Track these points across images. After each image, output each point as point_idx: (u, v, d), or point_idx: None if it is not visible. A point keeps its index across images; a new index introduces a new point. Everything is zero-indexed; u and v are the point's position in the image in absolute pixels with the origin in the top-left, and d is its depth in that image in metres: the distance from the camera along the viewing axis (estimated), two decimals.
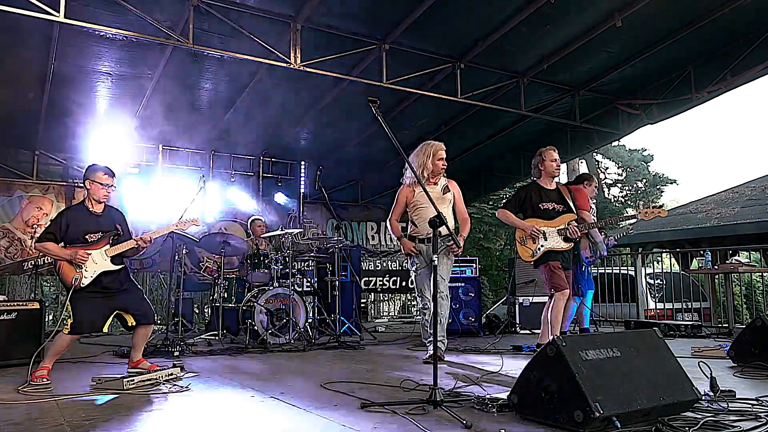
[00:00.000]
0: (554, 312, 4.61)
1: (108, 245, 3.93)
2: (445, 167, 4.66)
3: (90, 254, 3.83)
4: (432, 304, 3.32)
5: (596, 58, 6.72)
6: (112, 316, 3.93)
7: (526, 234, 4.81)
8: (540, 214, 4.80)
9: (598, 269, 9.45)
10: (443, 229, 3.16)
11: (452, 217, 4.64)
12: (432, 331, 4.27)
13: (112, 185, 3.98)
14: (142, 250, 4.11)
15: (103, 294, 3.87)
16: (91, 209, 3.96)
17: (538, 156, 5.03)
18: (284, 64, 5.58)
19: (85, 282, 3.79)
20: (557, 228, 4.75)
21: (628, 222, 5.94)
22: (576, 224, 4.71)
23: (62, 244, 3.84)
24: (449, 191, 4.69)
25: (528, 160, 8.89)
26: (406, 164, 4.27)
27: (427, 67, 6.40)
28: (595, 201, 5.96)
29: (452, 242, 4.22)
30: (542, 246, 4.70)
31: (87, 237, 3.87)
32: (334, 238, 6.63)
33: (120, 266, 3.98)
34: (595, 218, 5.49)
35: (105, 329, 3.96)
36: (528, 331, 7.18)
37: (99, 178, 3.92)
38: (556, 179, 5.04)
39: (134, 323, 3.98)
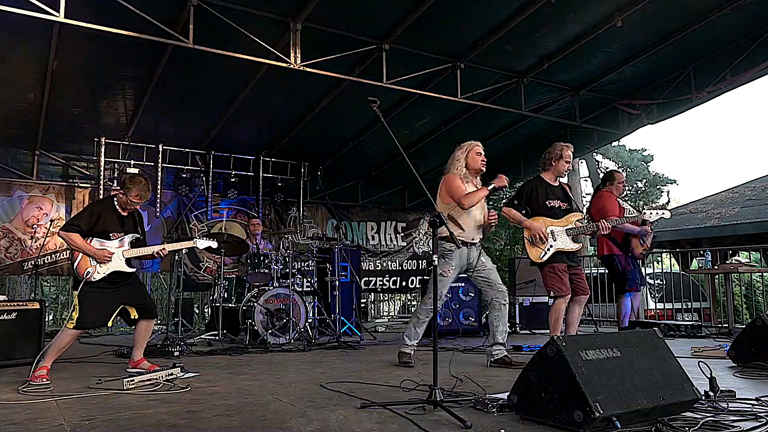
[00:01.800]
0: (553, 315, 4.52)
1: (127, 246, 4.02)
2: (484, 163, 4.49)
3: (113, 253, 3.93)
4: (433, 305, 3.28)
5: (596, 58, 6.73)
6: (118, 310, 3.98)
7: (533, 234, 4.62)
8: (546, 212, 4.64)
9: (598, 269, 9.46)
10: (443, 230, 3.14)
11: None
12: (413, 332, 4.48)
13: (138, 204, 4.06)
14: (159, 259, 4.28)
15: (111, 288, 3.93)
16: (118, 209, 4.06)
17: (555, 151, 4.76)
18: (284, 64, 5.58)
19: (97, 277, 3.86)
20: (565, 228, 4.61)
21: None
22: (582, 224, 4.65)
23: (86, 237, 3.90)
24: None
25: (528, 159, 8.97)
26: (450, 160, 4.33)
27: (427, 67, 6.39)
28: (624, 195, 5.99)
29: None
30: (551, 246, 4.53)
31: (111, 235, 3.97)
32: (334, 238, 6.63)
33: (132, 270, 4.06)
34: (630, 213, 5.55)
35: (110, 323, 4.01)
36: (528, 331, 7.18)
37: (131, 197, 4.00)
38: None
39: (137, 316, 4.03)
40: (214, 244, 4.50)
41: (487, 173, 4.38)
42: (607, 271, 8.47)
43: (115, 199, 4.07)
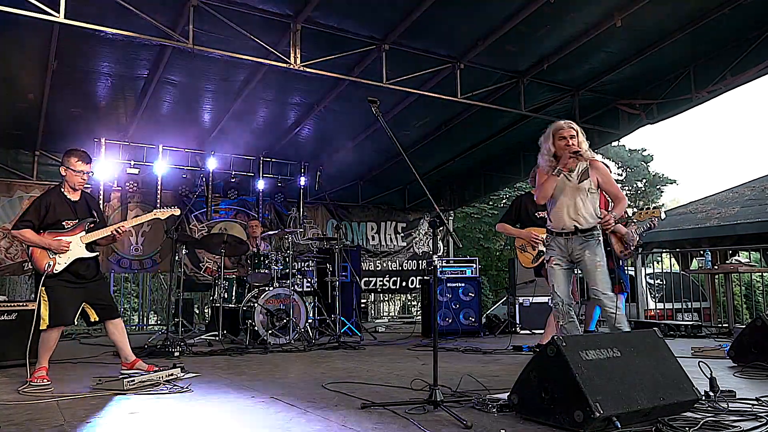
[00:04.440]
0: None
1: (84, 232, 3.89)
2: (572, 148, 3.77)
3: (70, 242, 3.81)
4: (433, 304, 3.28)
5: (596, 58, 6.72)
6: (80, 308, 3.87)
7: (525, 242, 4.97)
8: (536, 222, 4.95)
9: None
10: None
11: (592, 208, 3.87)
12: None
13: (87, 172, 3.92)
14: (119, 239, 4.04)
15: (76, 284, 3.83)
16: (67, 196, 3.92)
17: (533, 171, 4.87)
18: (284, 65, 5.58)
19: (59, 268, 3.76)
20: None
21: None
22: None
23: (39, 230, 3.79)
24: (587, 177, 3.86)
25: (528, 160, 8.96)
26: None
27: (427, 67, 6.39)
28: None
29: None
30: (542, 252, 4.83)
31: (64, 224, 3.85)
32: (334, 239, 6.64)
33: (94, 254, 3.95)
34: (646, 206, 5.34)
35: (74, 321, 3.91)
36: (528, 332, 7.18)
37: (74, 165, 3.86)
38: None
39: (96, 318, 3.94)
40: (176, 212, 4.29)
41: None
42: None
43: (62, 186, 3.93)
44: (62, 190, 3.93)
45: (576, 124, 4.00)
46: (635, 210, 4.94)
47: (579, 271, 4.05)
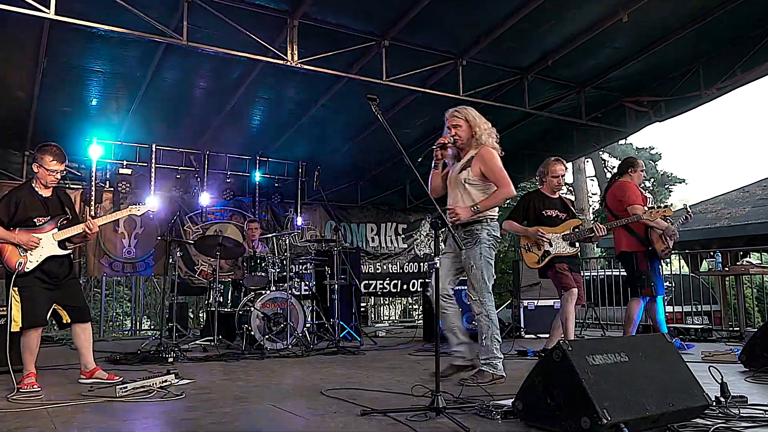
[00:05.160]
0: (565, 312, 4.70)
1: (56, 229, 3.87)
2: (440, 141, 3.76)
3: (40, 239, 3.78)
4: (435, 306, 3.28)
5: (602, 54, 6.73)
6: (51, 309, 3.84)
7: (531, 241, 4.95)
8: (543, 221, 4.96)
9: (605, 271, 9.46)
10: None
11: (470, 201, 3.78)
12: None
13: (60, 171, 3.89)
14: (91, 236, 4.01)
15: (48, 283, 3.81)
16: (38, 192, 3.90)
17: (542, 166, 5.15)
18: (281, 61, 5.58)
19: (30, 266, 3.73)
20: (562, 233, 4.89)
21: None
22: (580, 228, 4.82)
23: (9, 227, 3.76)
24: (468, 167, 3.78)
25: (532, 159, 8.95)
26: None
27: (428, 64, 6.39)
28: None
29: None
30: (548, 252, 4.81)
31: (35, 220, 3.83)
32: (333, 240, 6.63)
33: (67, 251, 3.92)
34: (654, 204, 5.16)
35: (47, 322, 3.88)
36: (533, 336, 7.18)
37: (47, 164, 3.83)
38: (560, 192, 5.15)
39: (68, 320, 3.90)
40: (155, 206, 4.25)
41: None
42: (617, 272, 8.54)
43: (34, 181, 3.91)
44: (33, 185, 3.91)
45: (473, 109, 3.91)
46: (647, 208, 4.90)
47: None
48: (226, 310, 6.51)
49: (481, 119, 3.93)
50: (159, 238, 8.16)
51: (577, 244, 4.99)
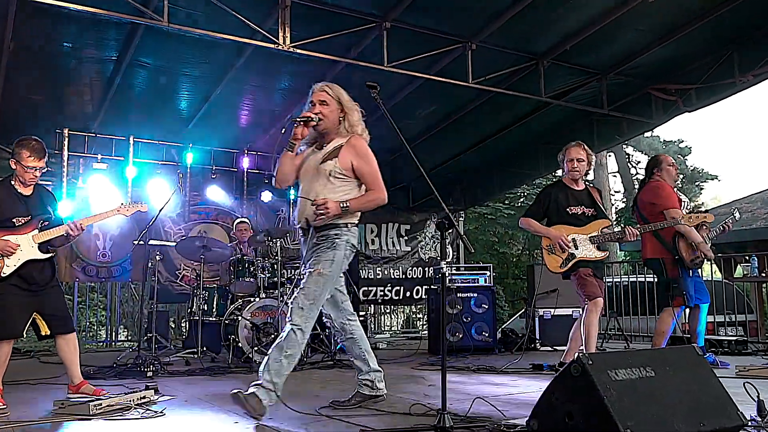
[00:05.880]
0: (587, 323, 4.65)
1: (36, 231, 3.87)
2: (303, 115, 3.46)
3: (18, 244, 3.77)
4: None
5: (625, 38, 6.72)
6: (30, 318, 3.83)
7: (553, 242, 4.79)
8: (568, 220, 4.81)
9: (629, 277, 9.46)
10: None
11: (336, 195, 3.46)
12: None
13: (39, 168, 3.89)
14: (74, 238, 4.01)
15: (27, 290, 3.81)
16: (18, 190, 3.90)
17: (561, 153, 5.03)
18: (272, 45, 5.58)
19: (7, 271, 3.73)
20: (589, 235, 4.75)
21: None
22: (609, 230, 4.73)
23: None
24: (335, 157, 3.44)
25: (548, 153, 8.96)
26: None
27: (434, 48, 6.39)
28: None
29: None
30: (573, 255, 4.70)
31: (14, 221, 3.82)
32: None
33: (48, 255, 3.93)
34: (691, 207, 5.10)
35: (23, 334, 3.87)
36: (549, 348, 7.18)
37: (25, 161, 3.82)
38: (585, 180, 5.04)
39: (48, 331, 3.89)
40: (144, 208, 4.27)
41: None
42: (641, 279, 8.54)
43: (13, 179, 3.91)
44: (12, 183, 3.92)
45: (339, 88, 3.56)
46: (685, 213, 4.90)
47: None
48: (210, 319, 6.52)
49: (356, 106, 3.56)
50: (136, 241, 8.16)
51: (605, 247, 4.88)
